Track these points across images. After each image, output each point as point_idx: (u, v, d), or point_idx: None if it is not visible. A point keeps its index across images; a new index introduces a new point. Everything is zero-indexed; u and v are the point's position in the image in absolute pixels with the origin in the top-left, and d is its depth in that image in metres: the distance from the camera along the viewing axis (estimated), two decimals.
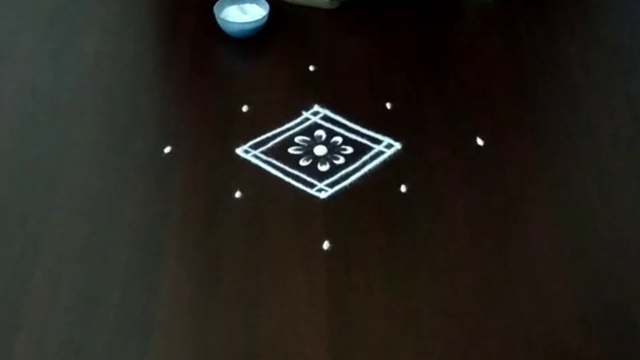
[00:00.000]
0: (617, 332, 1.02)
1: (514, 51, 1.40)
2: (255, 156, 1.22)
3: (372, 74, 1.36)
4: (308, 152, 1.22)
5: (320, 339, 1.01)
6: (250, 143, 1.23)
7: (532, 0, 1.47)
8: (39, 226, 1.14)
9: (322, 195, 1.16)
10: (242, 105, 1.29)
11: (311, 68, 1.35)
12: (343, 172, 1.19)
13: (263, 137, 1.24)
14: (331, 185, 1.18)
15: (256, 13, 1.38)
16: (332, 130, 1.25)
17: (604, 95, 1.31)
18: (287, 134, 1.25)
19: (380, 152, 1.22)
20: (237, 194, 1.17)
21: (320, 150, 1.22)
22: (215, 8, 1.39)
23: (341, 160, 1.21)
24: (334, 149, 1.22)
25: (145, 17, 1.50)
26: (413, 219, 1.14)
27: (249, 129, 1.25)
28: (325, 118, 1.27)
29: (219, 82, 1.35)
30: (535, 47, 1.40)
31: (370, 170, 1.20)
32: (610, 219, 1.14)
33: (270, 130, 1.25)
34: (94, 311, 1.05)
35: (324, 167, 1.20)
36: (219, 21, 1.39)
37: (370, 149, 1.22)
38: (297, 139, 1.24)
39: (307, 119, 1.27)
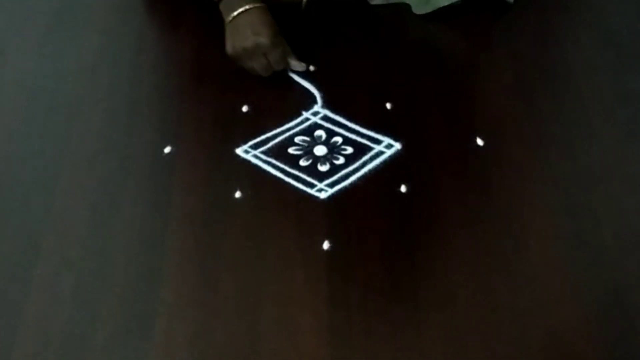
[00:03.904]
0: (617, 333, 1.02)
1: (513, 51, 1.40)
2: (255, 156, 1.22)
3: (372, 74, 1.36)
4: (308, 152, 1.22)
5: (320, 339, 1.01)
6: (250, 143, 1.23)
7: (532, 1, 1.47)
8: (39, 226, 1.14)
9: (322, 195, 1.16)
10: (242, 105, 1.29)
11: (311, 68, 1.35)
12: (343, 172, 1.19)
13: (263, 137, 1.24)
14: (331, 185, 1.18)
15: None
16: (332, 131, 1.25)
17: (604, 95, 1.31)
18: (287, 134, 1.25)
19: (380, 152, 1.22)
20: (237, 194, 1.17)
21: (320, 150, 1.22)
22: None
23: (341, 160, 1.21)
24: (334, 149, 1.22)
25: (145, 17, 1.50)
26: (413, 219, 1.14)
27: (249, 129, 1.25)
28: (325, 118, 1.27)
29: (219, 82, 1.34)
30: (535, 47, 1.40)
31: (370, 170, 1.20)
32: (611, 219, 1.13)
33: (270, 130, 1.25)
34: (94, 311, 1.05)
35: (324, 167, 1.20)
36: None
37: (370, 149, 1.22)
38: (297, 139, 1.24)
39: (307, 119, 1.27)
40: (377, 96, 1.31)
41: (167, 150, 1.23)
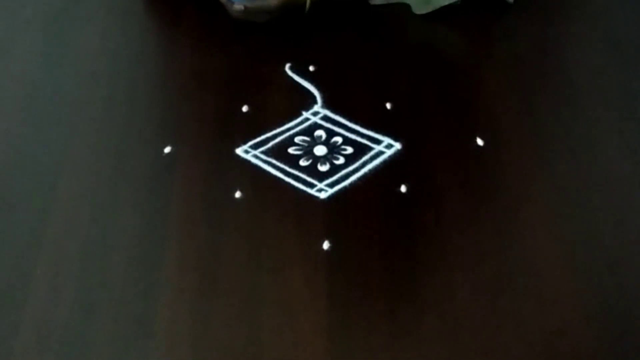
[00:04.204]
0: (617, 332, 1.02)
1: (513, 51, 1.40)
2: (255, 156, 1.22)
3: (372, 74, 1.36)
4: (308, 152, 1.22)
5: (320, 339, 1.01)
6: (250, 143, 1.23)
7: (532, 1, 1.47)
8: (39, 226, 1.14)
9: (322, 195, 1.16)
10: (242, 105, 1.29)
11: (311, 68, 1.35)
12: (343, 172, 1.19)
13: (263, 137, 1.24)
14: (331, 185, 1.18)
15: None
16: (332, 130, 1.25)
17: (604, 95, 1.31)
18: (287, 134, 1.25)
19: (380, 152, 1.22)
20: (237, 194, 1.17)
21: (320, 150, 1.22)
22: None
23: (341, 160, 1.21)
24: (334, 149, 1.22)
25: (145, 17, 1.50)
26: (413, 219, 1.14)
27: (249, 129, 1.25)
28: (325, 118, 1.27)
29: (219, 82, 1.35)
30: (535, 46, 1.40)
31: (370, 170, 1.20)
32: (611, 219, 1.13)
33: (270, 130, 1.25)
34: (95, 310, 1.05)
35: (324, 167, 1.20)
36: None
37: (370, 149, 1.22)
38: (297, 139, 1.24)
39: (307, 119, 1.27)
40: (377, 96, 1.31)
41: (167, 150, 1.23)
